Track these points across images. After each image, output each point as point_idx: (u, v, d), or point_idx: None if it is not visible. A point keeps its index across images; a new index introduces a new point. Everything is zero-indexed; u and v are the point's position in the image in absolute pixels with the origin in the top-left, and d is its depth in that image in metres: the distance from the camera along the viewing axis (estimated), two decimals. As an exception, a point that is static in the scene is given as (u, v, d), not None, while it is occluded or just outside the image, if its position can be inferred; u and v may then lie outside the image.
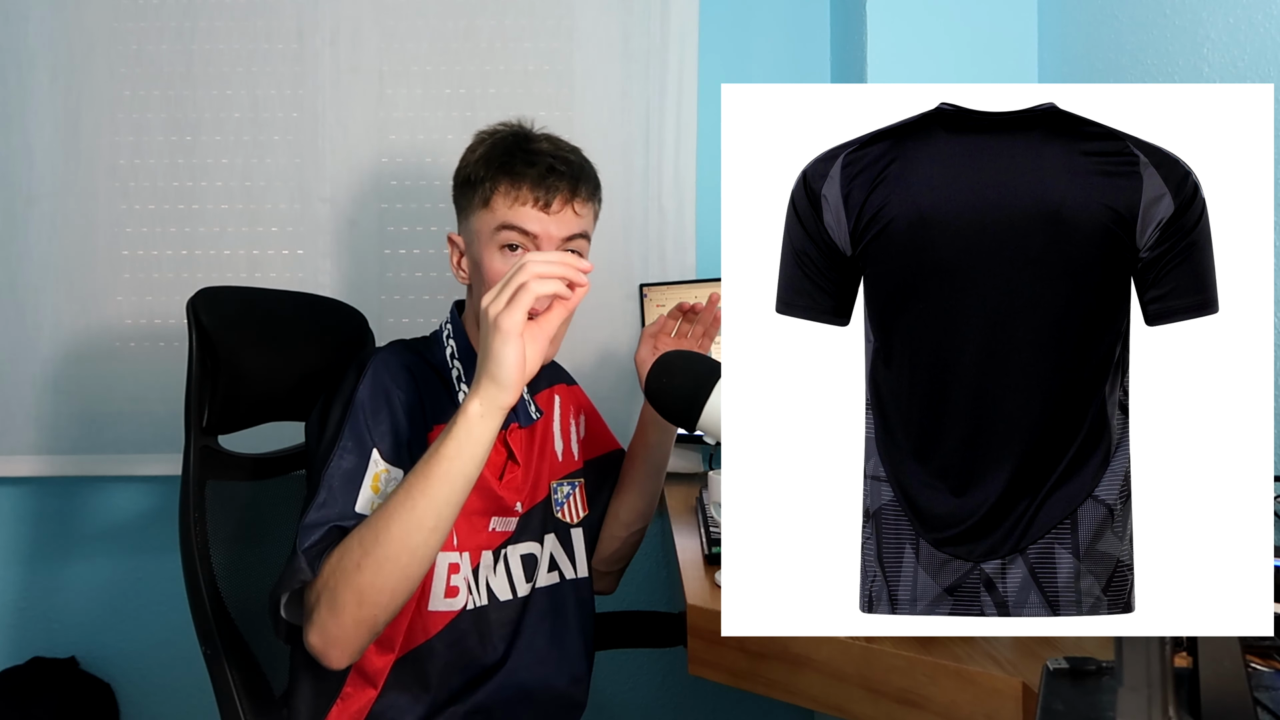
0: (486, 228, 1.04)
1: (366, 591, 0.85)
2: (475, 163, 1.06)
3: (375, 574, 0.84)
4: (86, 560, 1.89)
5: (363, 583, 0.84)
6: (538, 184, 1.02)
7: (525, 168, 1.03)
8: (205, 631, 0.98)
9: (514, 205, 1.02)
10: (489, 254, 1.04)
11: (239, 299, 1.13)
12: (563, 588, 1.15)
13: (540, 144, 1.07)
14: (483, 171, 1.05)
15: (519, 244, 1.03)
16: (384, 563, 0.84)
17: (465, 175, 1.08)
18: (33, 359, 1.80)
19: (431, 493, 0.84)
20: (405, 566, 0.85)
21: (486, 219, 1.04)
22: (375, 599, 0.85)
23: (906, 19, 1.61)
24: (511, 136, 1.08)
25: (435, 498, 0.84)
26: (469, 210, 1.07)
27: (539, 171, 1.03)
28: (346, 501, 0.91)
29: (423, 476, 0.85)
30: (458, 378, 1.07)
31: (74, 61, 1.81)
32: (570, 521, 1.18)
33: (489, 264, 1.03)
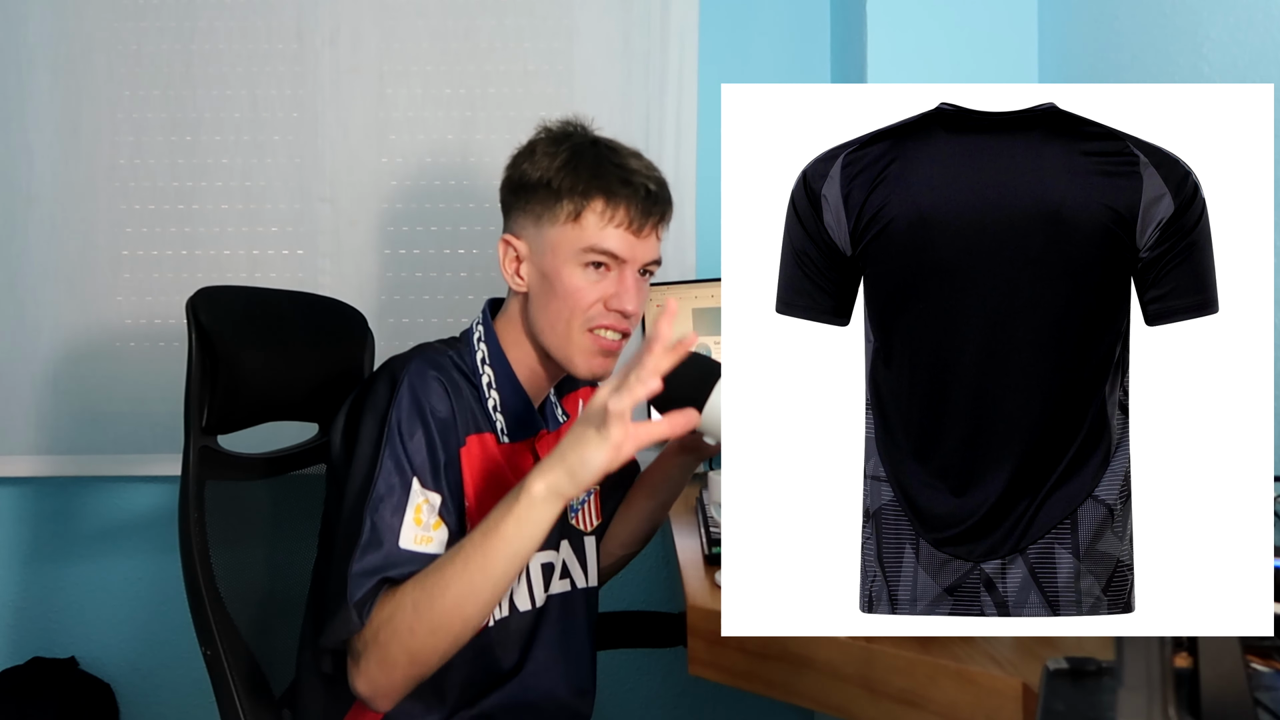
0: (571, 245, 1.00)
1: (419, 652, 0.86)
2: (558, 170, 1.00)
3: (428, 637, 0.86)
4: (86, 560, 1.89)
5: (415, 645, 0.86)
6: (636, 208, 0.99)
7: (622, 188, 0.99)
8: (205, 632, 0.98)
9: (606, 227, 0.99)
10: (570, 271, 1.00)
11: (239, 299, 1.13)
12: (574, 596, 1.14)
13: (631, 161, 1.03)
14: (570, 181, 0.99)
15: (604, 263, 1.00)
16: (437, 629, 0.86)
17: (541, 180, 1.01)
18: (33, 359, 1.80)
19: (488, 569, 0.84)
20: (458, 633, 0.87)
21: (573, 235, 1.00)
22: (427, 659, 0.87)
23: (906, 19, 1.61)
24: (592, 145, 1.03)
25: (491, 573, 0.85)
26: (543, 217, 1.02)
27: (638, 196, 0.99)
28: (391, 539, 0.90)
29: (480, 551, 0.84)
30: (488, 384, 1.05)
31: (74, 61, 1.81)
32: (584, 529, 1.17)
33: (568, 279, 1.00)
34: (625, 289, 1.01)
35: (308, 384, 1.16)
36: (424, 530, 0.91)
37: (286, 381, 1.13)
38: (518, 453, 1.06)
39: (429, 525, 0.92)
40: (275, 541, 1.17)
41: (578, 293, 1.00)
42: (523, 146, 1.07)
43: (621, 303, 1.00)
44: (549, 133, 1.06)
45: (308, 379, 1.17)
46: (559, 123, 1.07)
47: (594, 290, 1.00)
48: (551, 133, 1.06)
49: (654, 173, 1.04)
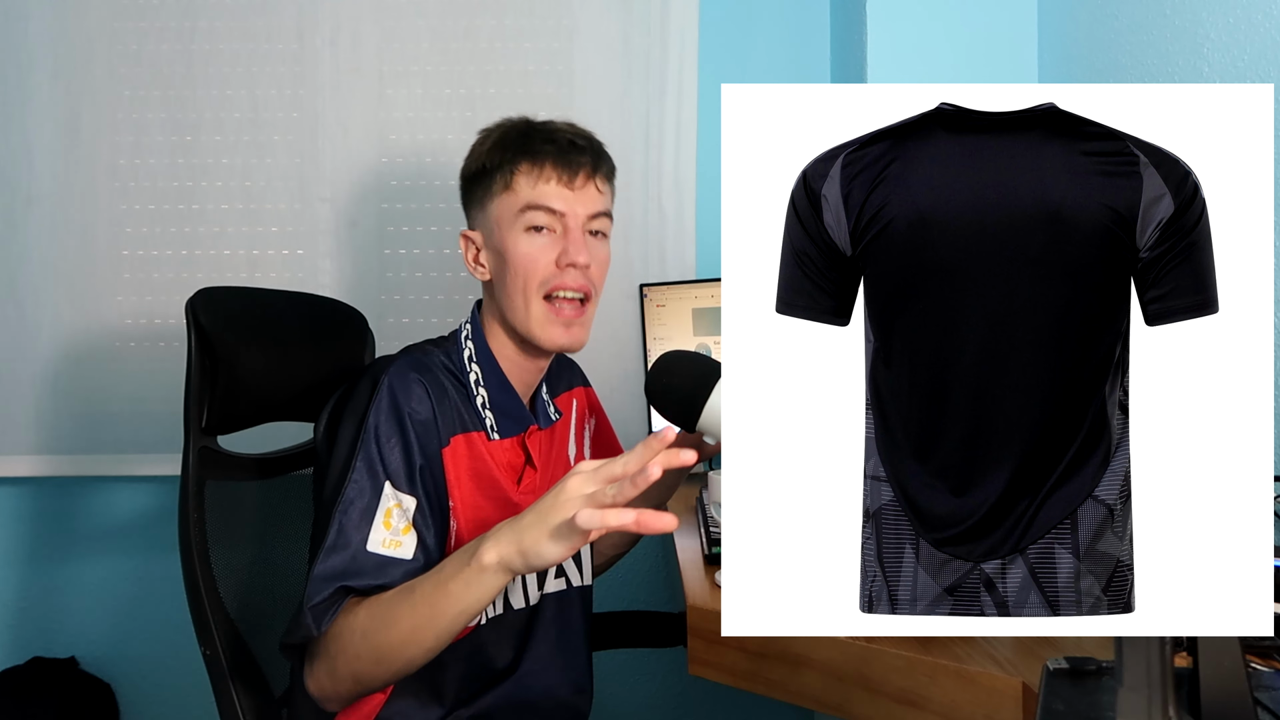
0: (509, 211, 1.02)
1: (362, 675, 0.89)
2: (489, 151, 1.04)
3: (373, 665, 0.87)
4: (86, 560, 1.89)
5: (360, 669, 0.88)
6: (560, 159, 1.01)
7: (545, 144, 1.02)
8: (204, 632, 0.98)
9: (537, 184, 1.01)
10: (513, 237, 1.02)
11: (238, 299, 1.13)
12: (570, 594, 1.14)
13: (555, 124, 1.06)
14: (499, 157, 1.03)
15: (544, 224, 1.01)
16: (381, 660, 0.87)
17: (478, 166, 1.05)
18: (33, 359, 1.80)
19: (435, 620, 0.84)
20: (401, 668, 0.88)
21: (508, 202, 1.02)
22: (370, 683, 0.90)
23: (906, 19, 1.61)
24: (523, 122, 1.06)
25: (438, 624, 0.85)
26: (486, 199, 1.05)
27: (559, 147, 1.01)
28: (358, 541, 0.90)
29: (429, 601, 0.84)
30: (476, 381, 1.05)
31: (74, 61, 1.81)
32: None
33: (514, 248, 1.01)
34: (573, 242, 1.02)
35: (307, 384, 1.16)
36: (393, 534, 0.92)
37: (286, 382, 1.14)
38: (508, 449, 1.07)
39: (398, 530, 0.92)
40: (275, 541, 1.17)
41: (527, 258, 1.01)
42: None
43: (570, 256, 1.01)
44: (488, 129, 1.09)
45: (307, 379, 1.17)
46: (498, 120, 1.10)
47: (543, 254, 1.02)
48: (488, 128, 1.09)
49: (580, 130, 1.06)
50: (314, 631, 0.87)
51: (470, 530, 1.00)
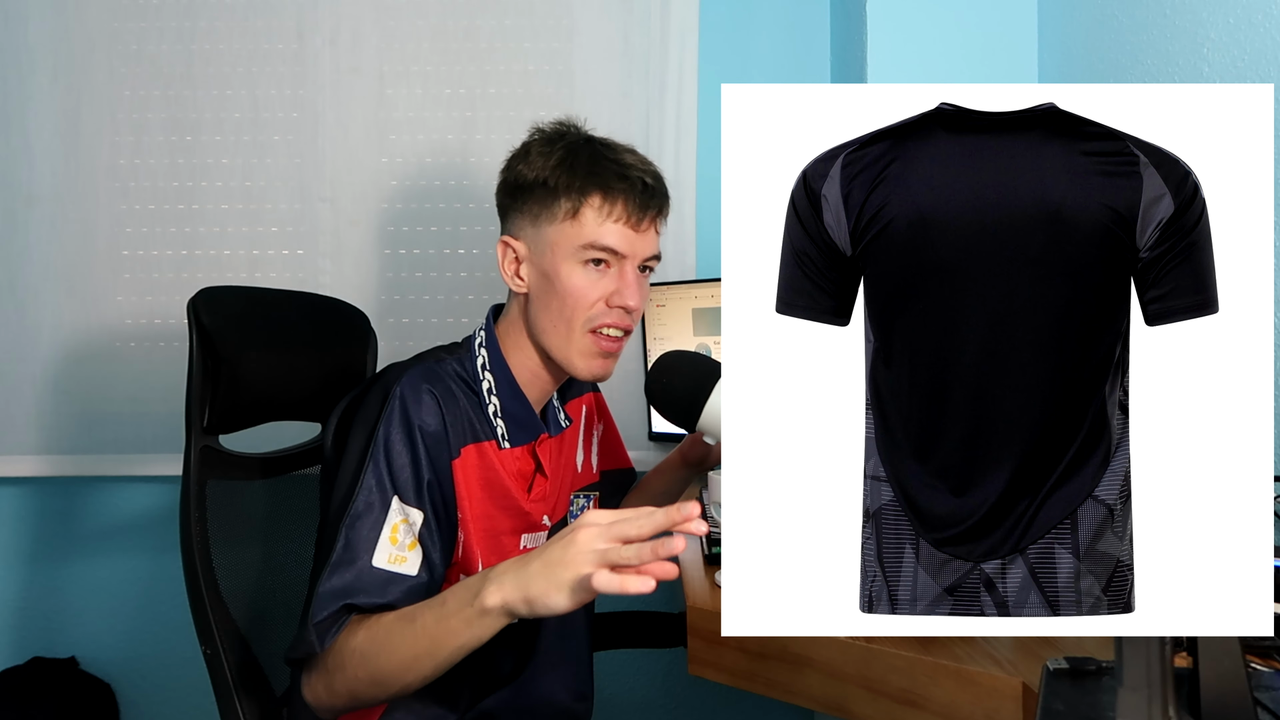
0: (570, 242, 1.00)
1: (360, 695, 0.88)
2: (554, 169, 1.00)
3: (370, 687, 0.87)
4: (87, 560, 1.89)
5: (357, 689, 0.88)
6: (633, 202, 0.99)
7: (619, 182, 0.99)
8: (205, 631, 0.98)
9: (605, 222, 0.99)
10: (568, 267, 1.00)
11: (240, 299, 1.13)
12: None
13: (626, 156, 1.03)
14: (567, 180, 0.99)
15: (603, 260, 1.00)
16: (378, 683, 0.87)
17: (538, 180, 1.01)
18: (33, 359, 1.80)
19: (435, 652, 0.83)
20: (397, 692, 0.88)
21: (571, 232, 1.00)
22: (365, 701, 0.90)
23: (906, 19, 1.61)
24: (587, 143, 1.03)
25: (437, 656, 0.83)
26: (541, 216, 1.01)
27: (634, 190, 1.00)
28: (365, 557, 0.90)
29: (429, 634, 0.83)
30: (488, 389, 1.04)
31: (74, 61, 1.81)
32: None
33: (567, 278, 1.00)
34: (626, 285, 1.01)
35: (310, 384, 1.16)
36: (399, 550, 0.92)
37: (288, 381, 1.14)
38: (519, 458, 1.06)
39: (404, 545, 0.92)
40: (277, 540, 1.17)
41: (579, 291, 1.00)
42: (517, 149, 1.07)
43: (624, 299, 1.00)
44: (543, 133, 1.06)
45: (310, 379, 1.17)
46: (552, 124, 1.07)
47: (595, 288, 1.00)
48: (545, 133, 1.06)
49: (649, 166, 1.04)
50: (317, 648, 0.87)
51: (481, 539, 0.99)
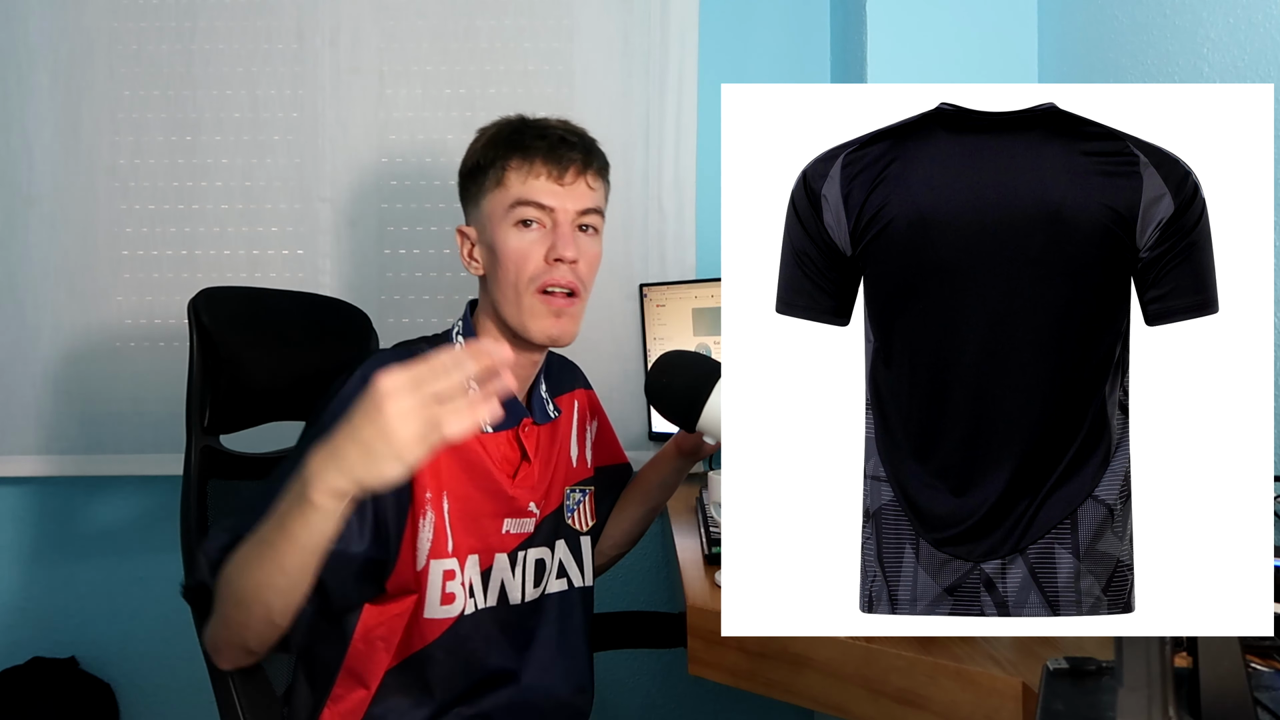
0: (500, 206, 1.03)
1: (231, 620, 0.86)
2: (482, 148, 1.06)
3: (235, 609, 0.85)
4: (87, 560, 1.89)
5: (228, 612, 0.86)
6: (550, 155, 1.02)
7: (536, 140, 1.03)
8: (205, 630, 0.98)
9: (527, 179, 1.02)
10: (503, 231, 1.03)
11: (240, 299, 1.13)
12: (571, 595, 1.14)
13: (548, 121, 1.07)
14: (491, 154, 1.04)
15: (534, 219, 1.03)
16: (240, 603, 0.84)
17: (473, 163, 1.07)
18: (33, 359, 1.80)
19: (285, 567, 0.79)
20: (263, 613, 0.84)
21: (499, 197, 1.03)
22: (241, 630, 0.86)
23: (906, 19, 1.61)
24: (517, 119, 1.08)
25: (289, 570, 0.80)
26: (479, 195, 1.07)
27: (549, 144, 1.03)
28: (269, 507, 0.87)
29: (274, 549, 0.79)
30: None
31: (74, 61, 1.81)
32: (580, 529, 1.17)
33: (504, 242, 1.03)
34: (560, 238, 1.03)
35: (310, 383, 1.16)
36: None
37: (289, 381, 1.14)
38: (502, 442, 1.07)
39: None
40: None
41: (516, 253, 1.02)
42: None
43: (559, 251, 1.02)
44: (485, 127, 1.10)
45: (310, 378, 1.17)
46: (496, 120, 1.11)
47: (533, 248, 1.03)
48: (485, 127, 1.10)
49: (572, 127, 1.07)
50: (206, 575, 0.86)
51: (458, 520, 1.00)
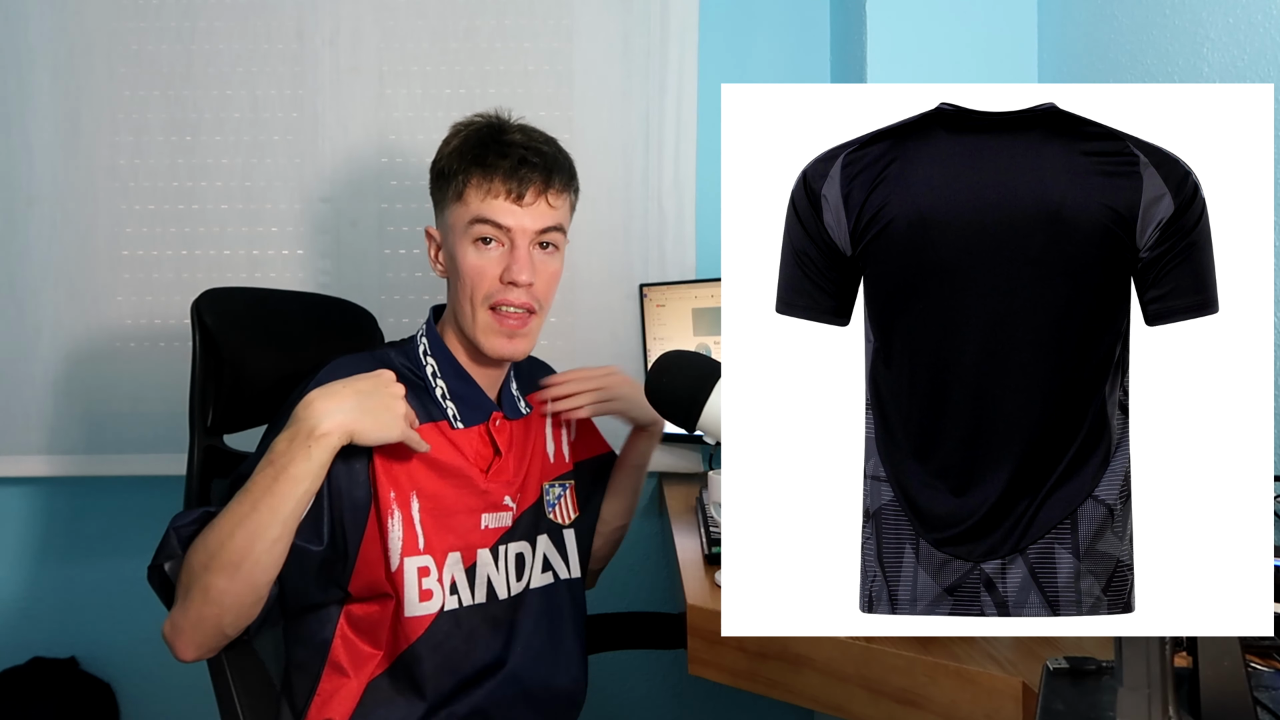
0: (460, 221, 1.04)
1: (210, 591, 0.88)
2: (449, 155, 1.06)
3: (218, 575, 0.87)
4: (87, 560, 1.89)
5: (207, 581, 0.87)
6: (510, 176, 1.03)
7: (498, 159, 1.03)
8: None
9: (486, 198, 1.03)
10: (462, 246, 1.04)
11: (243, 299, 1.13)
12: (557, 587, 1.14)
13: (513, 135, 1.06)
14: (456, 164, 1.05)
15: (493, 238, 1.03)
16: (226, 566, 0.87)
17: (440, 168, 1.08)
18: (32, 359, 1.80)
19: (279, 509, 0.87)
20: (248, 573, 0.88)
21: (460, 212, 1.04)
22: (217, 599, 0.88)
23: (906, 19, 1.61)
24: (486, 128, 1.07)
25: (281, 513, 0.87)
26: (444, 203, 1.07)
27: (511, 164, 1.03)
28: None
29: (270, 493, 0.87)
30: (433, 374, 1.08)
31: (74, 61, 1.81)
32: (562, 523, 1.18)
33: (464, 258, 1.04)
34: (516, 260, 1.03)
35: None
36: None
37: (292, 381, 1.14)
38: (475, 438, 1.08)
39: None
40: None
41: (473, 270, 1.04)
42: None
43: (512, 274, 1.03)
44: (458, 125, 1.09)
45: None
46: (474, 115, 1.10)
47: (490, 267, 1.04)
48: (459, 124, 1.09)
49: (535, 142, 1.06)
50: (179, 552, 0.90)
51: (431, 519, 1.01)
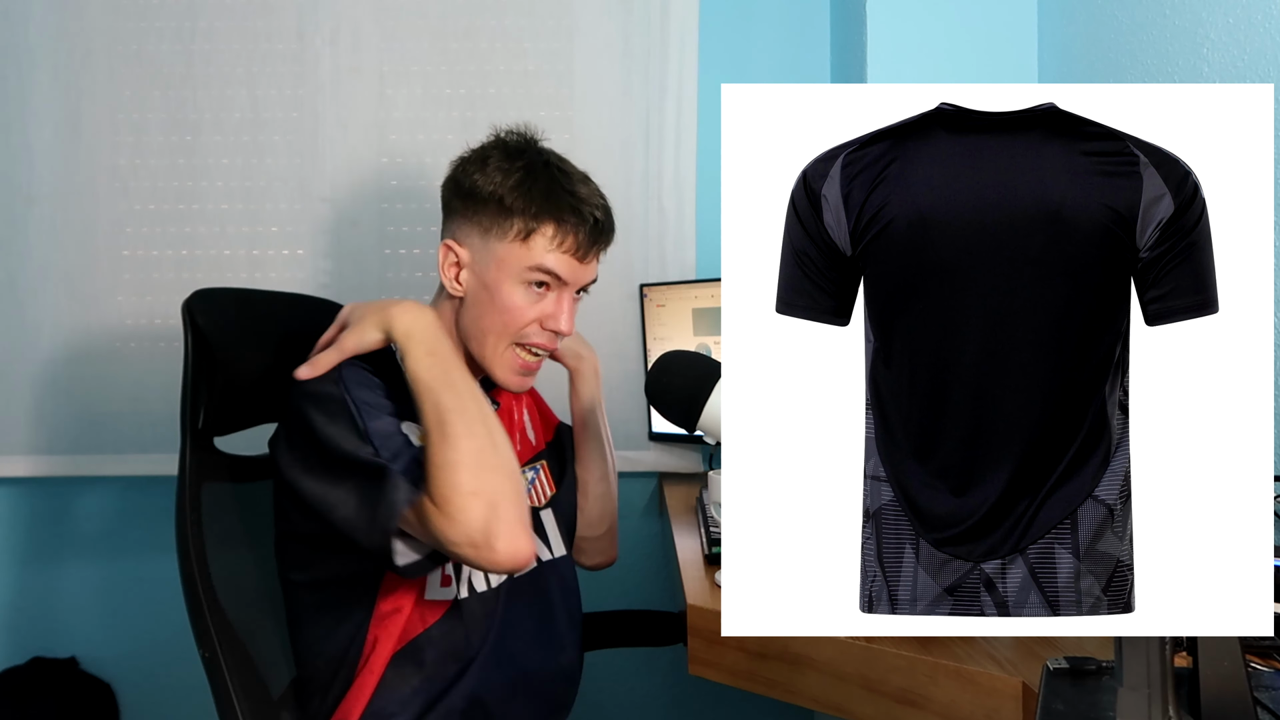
0: (517, 262, 1.03)
1: (485, 494, 0.88)
2: (511, 189, 1.03)
3: (489, 481, 0.89)
4: (86, 560, 1.88)
5: (481, 487, 0.88)
6: (583, 236, 1.04)
7: (572, 215, 1.03)
8: (203, 634, 0.98)
9: (554, 251, 1.03)
10: (511, 287, 1.03)
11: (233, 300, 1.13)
12: (541, 570, 1.14)
13: (580, 188, 1.06)
14: (522, 204, 1.02)
15: (545, 283, 1.05)
16: (490, 472, 0.90)
17: (494, 195, 1.03)
18: (32, 359, 1.80)
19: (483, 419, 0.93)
20: (509, 470, 0.92)
21: (520, 254, 1.03)
22: (489, 479, 0.90)
23: (906, 19, 1.61)
24: (545, 166, 1.06)
25: (488, 422, 0.93)
26: (490, 231, 1.04)
27: (586, 224, 1.04)
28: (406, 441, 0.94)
29: (461, 413, 0.92)
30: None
31: (74, 61, 1.81)
32: (538, 504, 1.17)
33: (508, 295, 1.03)
34: (562, 310, 1.06)
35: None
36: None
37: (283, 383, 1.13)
38: None
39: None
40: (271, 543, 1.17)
41: (516, 310, 1.04)
42: (472, 153, 1.10)
43: (557, 323, 1.06)
44: (503, 145, 1.08)
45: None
46: (512, 134, 1.10)
47: (532, 309, 1.05)
48: (506, 146, 1.08)
49: (601, 200, 1.08)
50: (415, 492, 0.88)
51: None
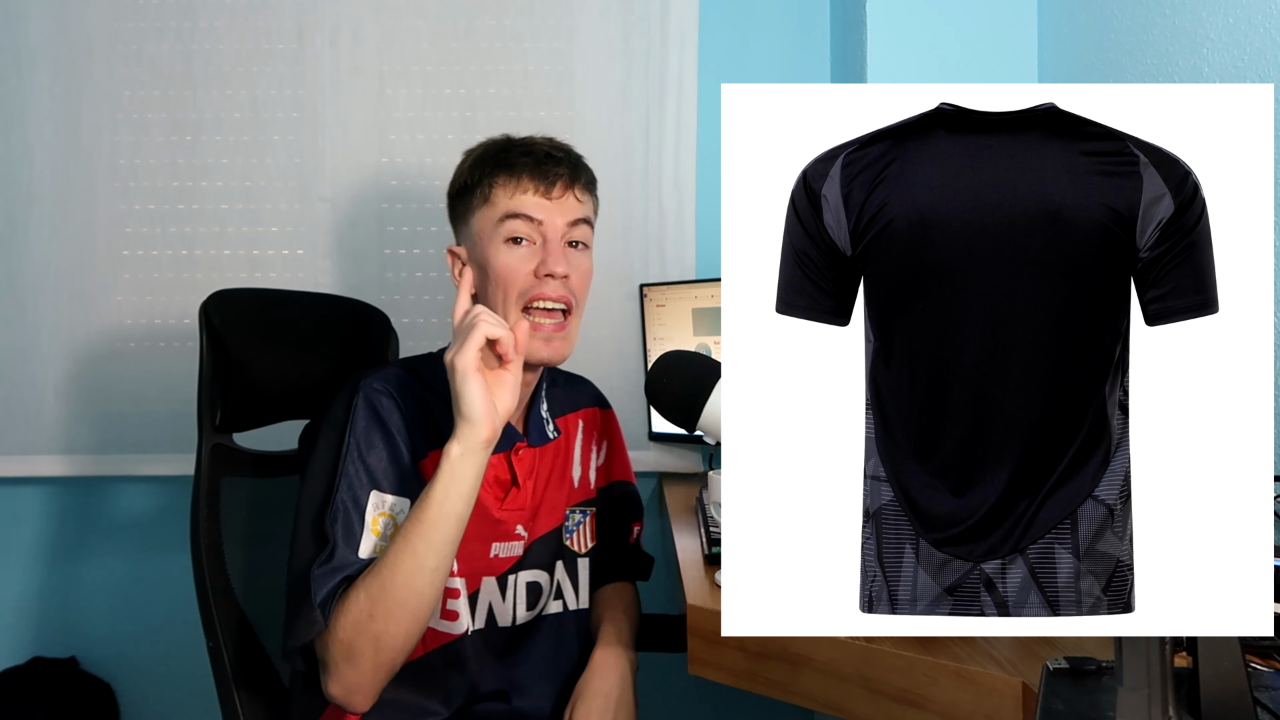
0: (488, 223, 1.03)
1: (381, 638, 0.88)
2: (469, 168, 1.07)
3: (387, 621, 0.88)
4: (86, 560, 1.89)
5: (376, 630, 0.88)
6: (536, 170, 1.03)
7: (521, 157, 1.04)
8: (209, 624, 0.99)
9: (515, 194, 1.02)
10: (494, 249, 1.03)
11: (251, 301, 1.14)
12: (565, 617, 1.13)
13: (533, 139, 1.08)
14: (478, 172, 1.05)
15: (524, 234, 1.02)
16: (394, 609, 0.88)
17: (460, 183, 1.08)
18: (32, 359, 1.80)
19: (429, 536, 0.89)
20: (415, 610, 0.89)
21: (487, 214, 1.03)
22: (390, 644, 0.89)
23: (906, 19, 1.61)
24: (503, 139, 1.09)
25: (433, 540, 0.89)
26: (468, 214, 1.06)
27: (536, 159, 1.03)
28: (352, 549, 0.92)
29: (418, 521, 0.89)
30: None
31: (74, 61, 1.81)
32: (579, 551, 1.16)
33: (495, 259, 1.02)
34: (551, 253, 1.02)
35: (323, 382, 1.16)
36: (381, 541, 0.94)
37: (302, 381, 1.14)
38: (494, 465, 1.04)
39: (386, 537, 0.94)
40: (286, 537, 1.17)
41: (506, 269, 1.02)
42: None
43: (548, 266, 1.02)
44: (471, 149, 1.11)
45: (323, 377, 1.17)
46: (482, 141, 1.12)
47: (522, 264, 1.02)
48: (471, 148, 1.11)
49: (557, 143, 1.08)
50: (323, 625, 0.88)
51: None
